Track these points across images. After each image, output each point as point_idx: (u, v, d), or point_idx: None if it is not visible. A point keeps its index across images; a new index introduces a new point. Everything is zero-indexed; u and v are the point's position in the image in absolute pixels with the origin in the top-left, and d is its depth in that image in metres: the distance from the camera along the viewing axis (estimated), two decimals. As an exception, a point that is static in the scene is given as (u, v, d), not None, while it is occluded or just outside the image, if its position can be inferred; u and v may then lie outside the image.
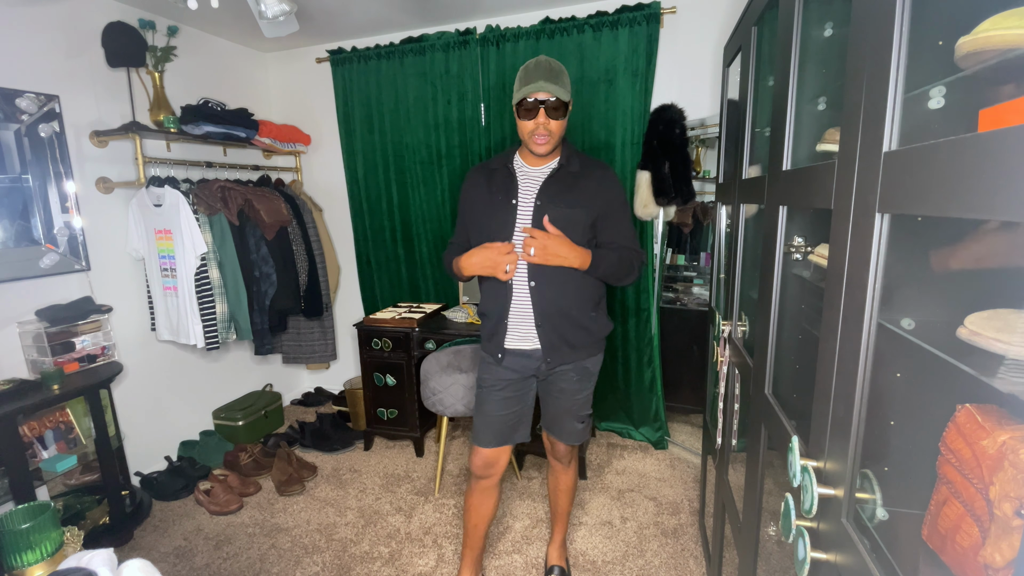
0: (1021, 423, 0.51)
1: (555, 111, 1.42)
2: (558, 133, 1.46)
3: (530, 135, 1.46)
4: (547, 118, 1.42)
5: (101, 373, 2.15)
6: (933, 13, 0.59)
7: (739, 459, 1.38)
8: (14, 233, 2.05)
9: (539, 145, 1.46)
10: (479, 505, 1.70)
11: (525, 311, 1.53)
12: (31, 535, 1.04)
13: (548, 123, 1.43)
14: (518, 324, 1.54)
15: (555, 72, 1.42)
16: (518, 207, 1.52)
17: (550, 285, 1.49)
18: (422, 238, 3.07)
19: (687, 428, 3.02)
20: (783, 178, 0.96)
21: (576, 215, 1.49)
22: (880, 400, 0.66)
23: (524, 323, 1.54)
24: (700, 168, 2.96)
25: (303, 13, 2.57)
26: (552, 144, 1.47)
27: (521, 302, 1.52)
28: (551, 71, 1.42)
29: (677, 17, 2.48)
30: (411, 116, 2.93)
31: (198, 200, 2.46)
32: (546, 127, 1.43)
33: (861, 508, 0.69)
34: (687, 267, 3.23)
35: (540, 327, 1.52)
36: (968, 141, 0.43)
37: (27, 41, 2.07)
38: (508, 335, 1.56)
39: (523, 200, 1.52)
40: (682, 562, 1.94)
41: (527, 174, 1.55)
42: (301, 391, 3.62)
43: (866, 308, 0.60)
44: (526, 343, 1.55)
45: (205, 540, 2.15)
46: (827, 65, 0.99)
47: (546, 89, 1.38)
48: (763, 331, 1.06)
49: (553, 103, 1.41)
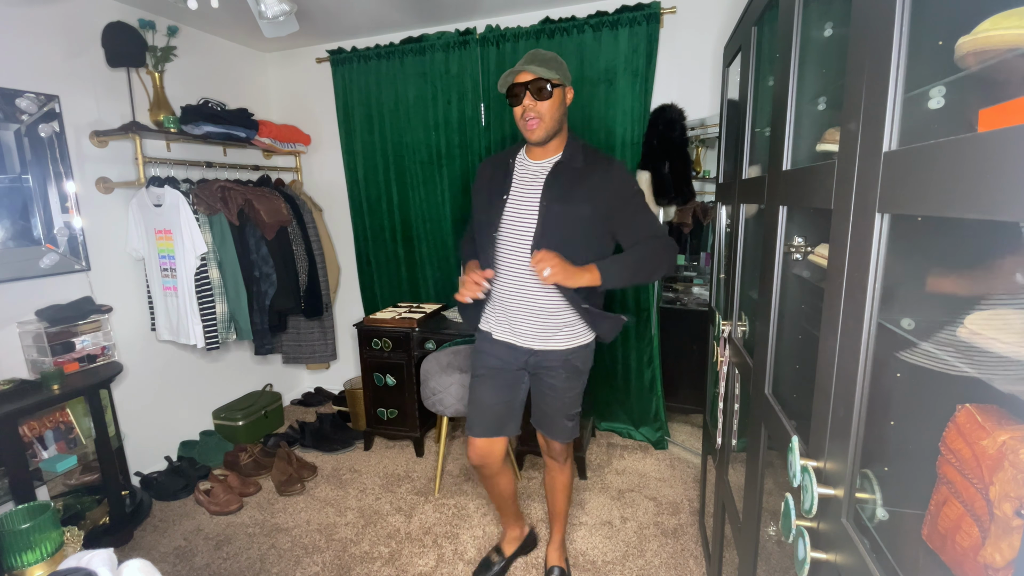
0: (1021, 423, 0.51)
1: (540, 92, 1.38)
2: (549, 116, 1.41)
3: (521, 121, 1.44)
4: (533, 100, 1.39)
5: (101, 373, 2.15)
6: (933, 13, 0.59)
7: (739, 459, 1.38)
8: (14, 233, 2.05)
9: (531, 131, 1.43)
10: (493, 486, 1.76)
11: (518, 305, 1.53)
12: (31, 535, 1.04)
13: (536, 105, 1.39)
14: (509, 317, 1.56)
15: (541, 57, 1.40)
16: (507, 203, 1.51)
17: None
18: (422, 238, 3.07)
19: (687, 428, 3.02)
20: (783, 178, 0.96)
21: (580, 211, 1.44)
22: (880, 400, 0.66)
23: (515, 316, 1.55)
24: (700, 168, 2.96)
25: (303, 13, 2.57)
26: (544, 129, 1.43)
27: (514, 296, 1.54)
28: (535, 56, 1.40)
29: (677, 17, 2.48)
30: (411, 116, 2.93)
31: (198, 200, 2.46)
32: (534, 109, 1.40)
33: (861, 508, 0.69)
34: (687, 267, 3.23)
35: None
36: (968, 141, 0.43)
37: (27, 41, 2.07)
38: (497, 327, 1.58)
39: (514, 196, 1.52)
40: (682, 562, 1.95)
41: (526, 168, 1.54)
42: (301, 391, 3.62)
43: (866, 308, 0.60)
44: (514, 337, 1.57)
45: (205, 540, 2.15)
46: (827, 65, 0.99)
47: (527, 70, 1.37)
48: (763, 331, 1.06)
49: (537, 83, 1.37)
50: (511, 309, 1.55)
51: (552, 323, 1.53)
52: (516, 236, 1.50)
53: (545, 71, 1.36)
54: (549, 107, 1.40)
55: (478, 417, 1.62)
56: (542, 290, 1.50)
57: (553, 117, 1.42)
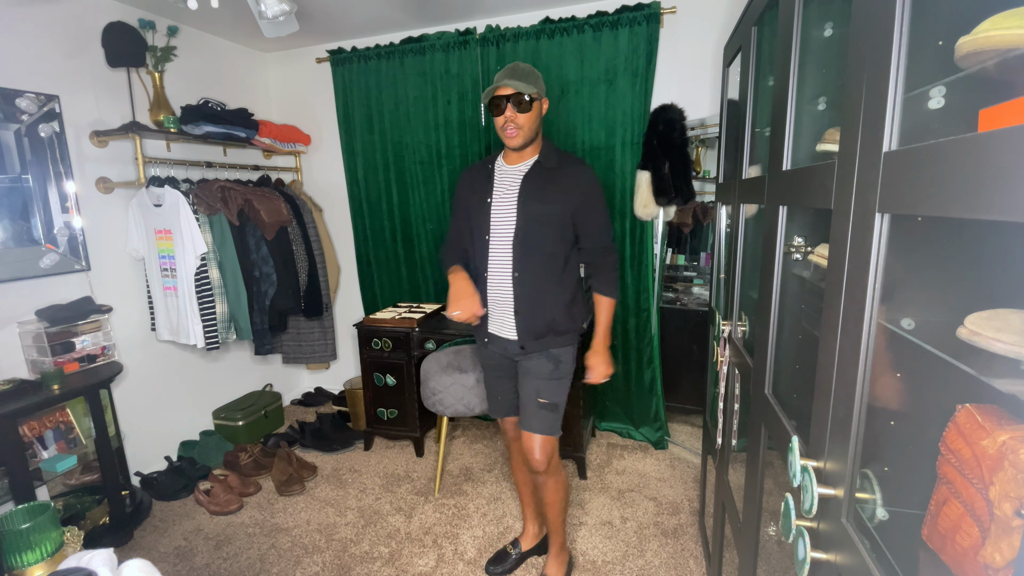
0: (1021, 423, 0.51)
1: (519, 104, 1.52)
2: (527, 126, 1.55)
3: (501, 130, 1.57)
4: (513, 112, 1.53)
5: (101, 373, 2.15)
6: (933, 13, 0.59)
7: (739, 459, 1.38)
8: (14, 233, 2.05)
9: (510, 138, 1.56)
10: (523, 464, 1.89)
11: (507, 300, 1.63)
12: (31, 535, 1.04)
13: (516, 117, 1.53)
14: (499, 312, 1.66)
15: (520, 72, 1.54)
16: (492, 205, 1.63)
17: (532, 276, 1.60)
18: (422, 238, 3.07)
19: (687, 428, 3.02)
20: (783, 178, 0.96)
21: (554, 211, 1.58)
22: (880, 400, 0.66)
23: (505, 311, 1.64)
24: (700, 168, 2.96)
25: (303, 13, 2.57)
26: (522, 137, 1.56)
27: (503, 292, 1.63)
28: (515, 70, 1.54)
29: (677, 17, 2.48)
30: (411, 116, 2.93)
31: (198, 200, 2.46)
32: (513, 121, 1.53)
33: (861, 508, 0.69)
34: (687, 267, 3.23)
35: (517, 314, 1.62)
36: (968, 141, 0.43)
37: (27, 41, 2.07)
38: (491, 322, 1.69)
39: (496, 198, 1.63)
40: (682, 562, 1.95)
41: (505, 172, 1.66)
42: (301, 391, 3.62)
43: (866, 308, 0.60)
44: (505, 331, 1.67)
45: (205, 540, 2.15)
46: (827, 65, 0.99)
47: (508, 85, 1.51)
48: (763, 331, 1.06)
49: (516, 97, 1.51)
50: (500, 306, 1.66)
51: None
52: (501, 236, 1.62)
53: (524, 86, 1.50)
54: (527, 118, 1.54)
55: (495, 403, 1.83)
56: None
57: (531, 127, 1.56)
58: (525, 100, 1.51)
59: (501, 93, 1.52)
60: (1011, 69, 0.51)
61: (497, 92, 1.53)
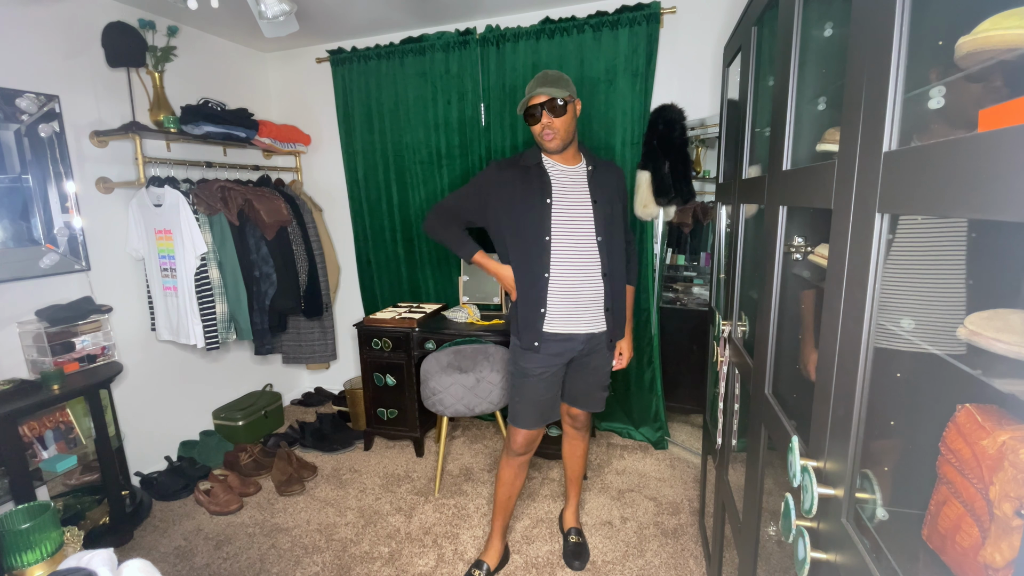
0: (1021, 423, 0.51)
1: (554, 109, 1.58)
2: (563, 129, 1.61)
3: (540, 137, 1.63)
4: (550, 118, 1.59)
5: (101, 373, 2.15)
6: (933, 13, 0.59)
7: (739, 459, 1.38)
8: (14, 233, 2.05)
9: (548, 142, 1.62)
10: (515, 479, 1.85)
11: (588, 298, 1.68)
12: (31, 535, 1.04)
13: (552, 122, 1.59)
14: (573, 310, 1.68)
15: (551, 78, 1.59)
16: (552, 206, 1.64)
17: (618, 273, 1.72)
18: (422, 238, 3.07)
19: (687, 428, 3.02)
20: (783, 178, 0.96)
21: (617, 211, 1.72)
22: (880, 400, 0.66)
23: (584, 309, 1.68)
24: (700, 168, 2.96)
25: (303, 13, 2.57)
26: (560, 140, 1.62)
27: (582, 291, 1.67)
28: (545, 78, 1.59)
29: (677, 17, 2.48)
30: (411, 116, 2.93)
31: (198, 200, 2.46)
32: (549, 126, 1.60)
33: (861, 508, 0.69)
34: (687, 267, 3.23)
35: (608, 311, 1.71)
36: (968, 141, 0.43)
37: (27, 41, 2.07)
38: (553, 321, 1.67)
39: (559, 199, 1.65)
40: (682, 562, 1.95)
41: (562, 172, 1.69)
42: (301, 391, 3.62)
43: (866, 308, 0.60)
44: (583, 326, 1.70)
45: (205, 540, 2.15)
46: (827, 65, 0.99)
47: (541, 92, 1.57)
48: (763, 331, 1.06)
49: (550, 103, 1.57)
50: (573, 302, 1.68)
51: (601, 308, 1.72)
52: (571, 236, 1.65)
53: (556, 90, 1.56)
54: (563, 121, 1.60)
55: (530, 411, 1.75)
56: (596, 281, 1.68)
57: (567, 129, 1.62)
58: (559, 104, 1.57)
59: (536, 102, 1.58)
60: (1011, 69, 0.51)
61: (532, 102, 1.58)
